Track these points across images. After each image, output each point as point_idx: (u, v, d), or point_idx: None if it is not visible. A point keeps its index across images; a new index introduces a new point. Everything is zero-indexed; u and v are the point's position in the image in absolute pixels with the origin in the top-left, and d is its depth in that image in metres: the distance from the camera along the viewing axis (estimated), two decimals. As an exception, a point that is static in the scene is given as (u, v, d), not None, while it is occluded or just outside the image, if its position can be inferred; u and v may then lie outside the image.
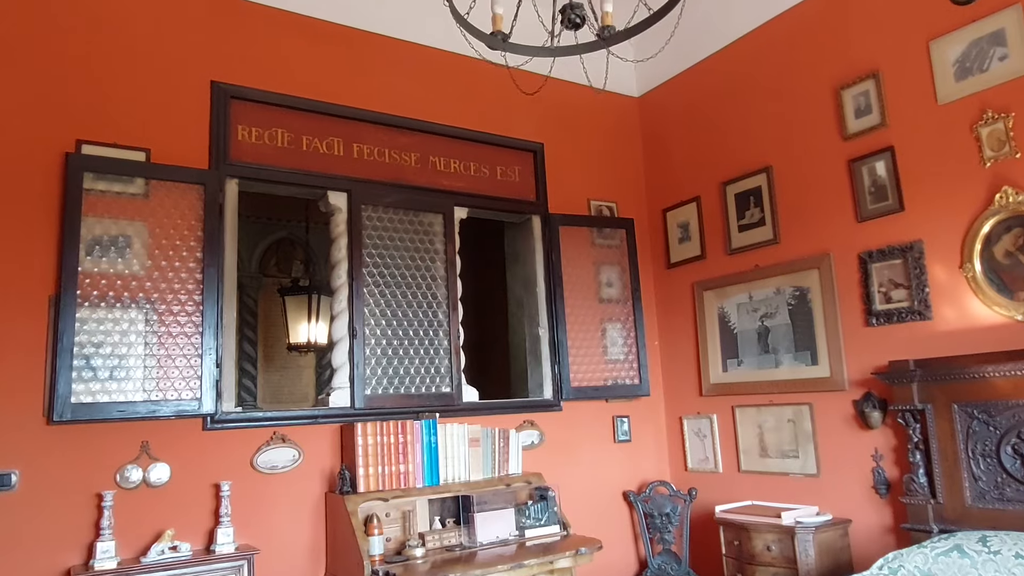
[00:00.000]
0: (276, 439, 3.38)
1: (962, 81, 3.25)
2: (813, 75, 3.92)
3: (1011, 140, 3.06)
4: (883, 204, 3.55)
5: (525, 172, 4.50)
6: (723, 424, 4.36)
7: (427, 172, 4.10)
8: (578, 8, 2.18)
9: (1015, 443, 2.92)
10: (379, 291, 3.76)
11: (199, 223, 3.30)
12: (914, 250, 3.39)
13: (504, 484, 3.66)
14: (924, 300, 3.34)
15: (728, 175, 4.40)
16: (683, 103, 4.79)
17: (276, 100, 3.66)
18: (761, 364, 4.15)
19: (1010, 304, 3.03)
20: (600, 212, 4.76)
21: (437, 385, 3.83)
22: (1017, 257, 3.02)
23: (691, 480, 4.50)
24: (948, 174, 3.28)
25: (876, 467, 3.49)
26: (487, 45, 2.44)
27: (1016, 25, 3.06)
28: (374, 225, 3.81)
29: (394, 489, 3.38)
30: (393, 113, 4.00)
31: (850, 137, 3.71)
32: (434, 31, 4.16)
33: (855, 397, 3.60)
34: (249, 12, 3.68)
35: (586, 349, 4.40)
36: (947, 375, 3.12)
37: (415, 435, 3.51)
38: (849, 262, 3.70)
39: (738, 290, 4.30)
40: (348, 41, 3.96)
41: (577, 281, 4.46)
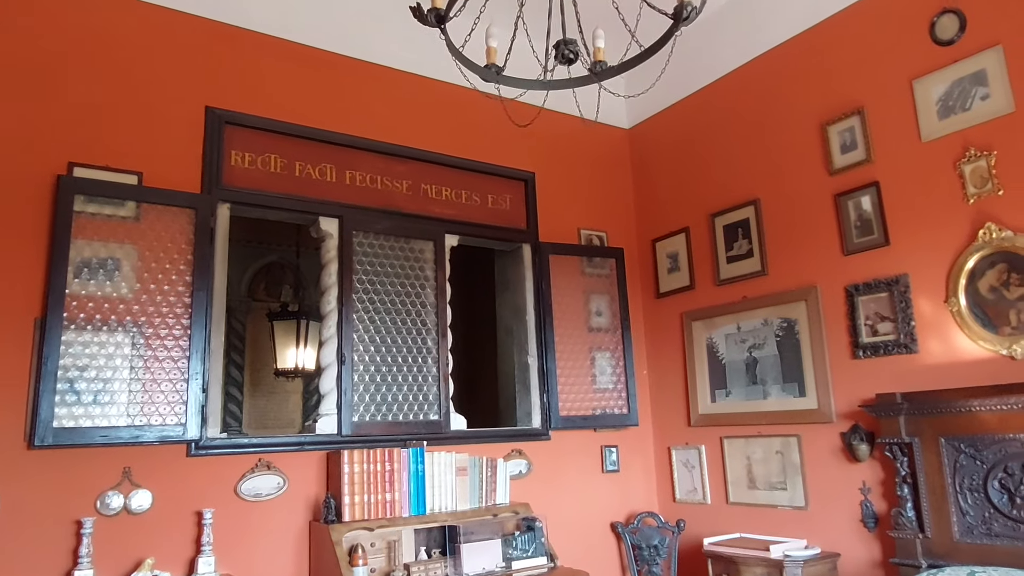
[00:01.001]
0: (261, 466, 3.33)
1: (945, 119, 3.32)
2: (800, 111, 3.99)
3: (994, 177, 3.12)
4: (869, 238, 3.59)
5: (516, 201, 4.53)
6: (711, 455, 4.35)
7: (419, 199, 4.12)
8: (572, 44, 2.22)
9: (1002, 478, 2.93)
10: (368, 317, 3.75)
11: (189, 247, 3.30)
12: (900, 284, 3.43)
13: (491, 514, 3.62)
14: (910, 333, 3.37)
15: (717, 207, 4.45)
16: (672, 135, 4.87)
17: (270, 126, 3.68)
18: (749, 395, 4.15)
19: (995, 339, 3.06)
20: (590, 241, 4.79)
21: (425, 413, 3.81)
22: (1001, 292, 3.07)
23: (679, 511, 4.47)
24: (932, 210, 3.34)
25: (864, 500, 3.49)
26: (481, 78, 2.47)
27: (997, 66, 3.15)
28: (365, 251, 3.82)
29: (380, 519, 3.34)
30: (386, 140, 4.04)
31: (836, 172, 3.77)
32: (427, 60, 4.21)
33: (843, 429, 3.61)
34: (245, 39, 3.72)
35: (575, 378, 4.40)
36: (934, 409, 3.14)
37: (402, 463, 3.47)
38: (836, 294, 3.73)
39: (726, 321, 4.32)
40: (342, 69, 4.00)
41: (567, 310, 4.47)
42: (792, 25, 4.05)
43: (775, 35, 4.15)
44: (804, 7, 3.98)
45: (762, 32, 4.22)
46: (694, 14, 2.18)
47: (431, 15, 2.25)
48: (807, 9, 3.96)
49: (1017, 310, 3.01)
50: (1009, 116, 3.10)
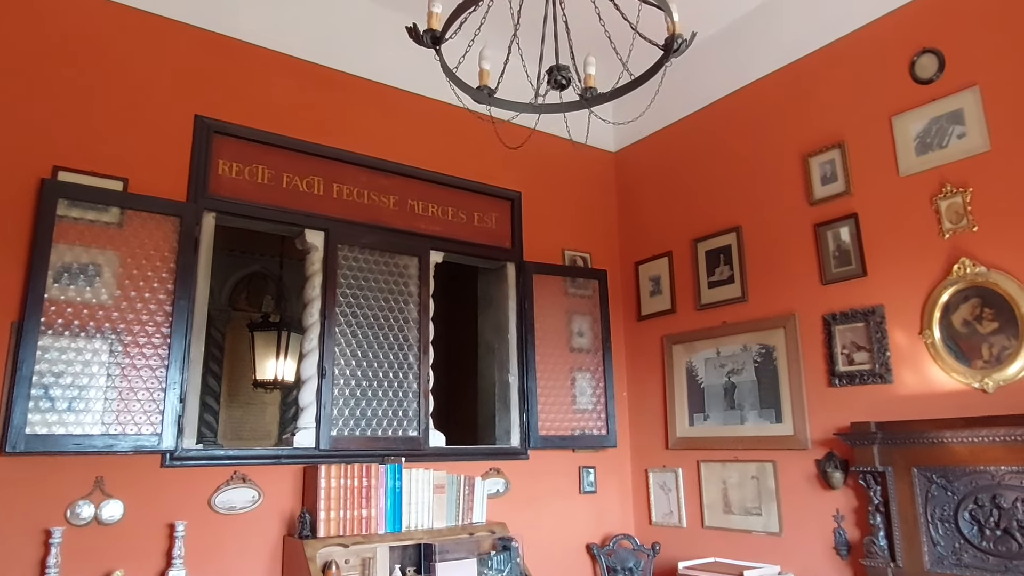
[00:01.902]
0: (236, 479, 3.30)
1: (923, 156, 3.41)
2: (783, 141, 4.08)
3: (969, 214, 3.20)
4: (847, 268, 3.66)
5: (502, 219, 4.56)
6: (688, 478, 4.37)
7: (405, 215, 4.13)
8: (564, 70, 2.26)
9: (972, 509, 2.98)
10: (351, 331, 3.74)
11: (173, 255, 3.27)
12: (876, 314, 3.49)
13: (467, 533, 3.61)
14: (885, 363, 3.43)
15: (699, 232, 4.51)
16: (658, 160, 4.94)
17: (259, 137, 3.68)
18: (727, 420, 4.19)
19: (967, 372, 3.13)
20: (574, 262, 4.83)
21: (404, 429, 3.79)
22: (974, 326, 3.14)
23: (655, 534, 4.48)
24: (909, 243, 3.42)
25: (837, 528, 3.53)
26: (473, 99, 2.50)
27: (974, 106, 3.24)
28: (349, 265, 3.82)
29: (355, 535, 3.31)
30: (374, 155, 4.05)
31: (816, 202, 3.85)
32: (418, 77, 4.25)
33: (817, 456, 3.65)
34: (237, 50, 3.73)
35: (555, 398, 4.41)
36: (907, 439, 3.19)
37: (380, 479, 3.45)
38: (814, 323, 3.79)
39: (706, 345, 4.37)
40: (333, 83, 4.02)
41: (549, 329, 4.49)
42: (777, 58, 4.15)
43: (761, 67, 4.24)
44: (790, 41, 4.08)
45: (748, 63, 4.32)
46: (684, 46, 2.23)
47: (427, 36, 2.28)
48: (792, 43, 4.06)
49: (989, 344, 3.08)
50: (985, 154, 3.19)
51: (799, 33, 4.03)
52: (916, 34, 3.48)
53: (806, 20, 3.99)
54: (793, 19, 4.07)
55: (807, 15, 3.99)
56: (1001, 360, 3.03)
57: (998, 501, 2.91)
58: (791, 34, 4.08)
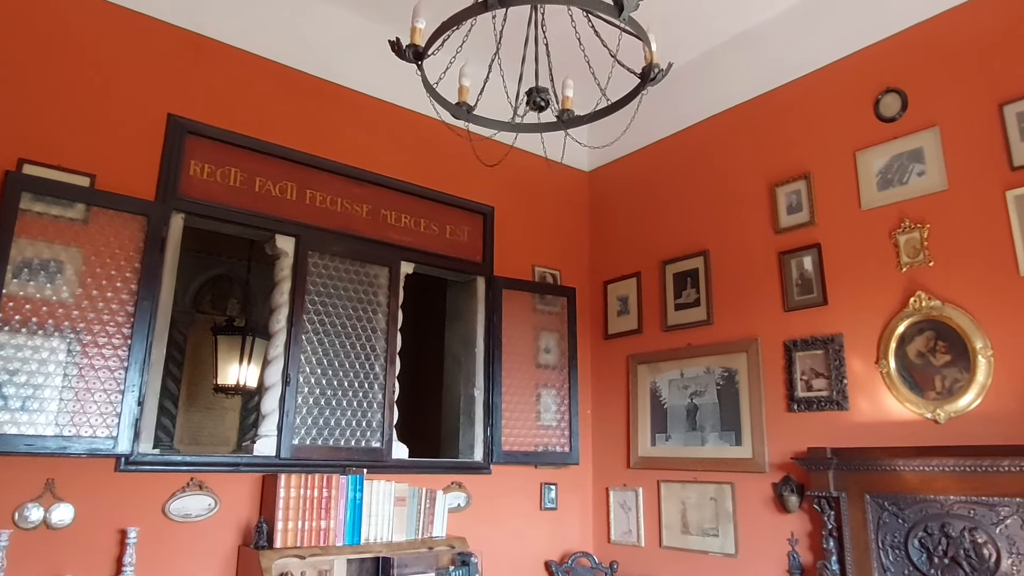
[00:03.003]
0: (193, 485, 3.23)
1: (884, 191, 3.53)
2: (751, 170, 4.18)
3: (926, 249, 3.32)
4: (808, 296, 3.76)
5: (474, 233, 4.58)
6: (648, 498, 4.41)
7: (377, 224, 4.12)
8: (543, 92, 2.30)
9: (922, 537, 3.07)
10: (318, 339, 3.71)
11: (138, 254, 3.22)
12: (835, 343, 3.59)
13: (427, 547, 3.59)
14: (842, 391, 3.52)
15: (668, 255, 4.59)
16: (631, 181, 5.01)
17: (232, 139, 3.65)
18: (688, 441, 4.25)
19: (920, 402, 3.23)
20: (544, 279, 4.87)
21: (368, 439, 3.76)
22: (928, 358, 3.24)
23: (613, 552, 4.50)
24: (868, 274, 3.52)
25: (791, 551, 3.59)
26: (452, 114, 2.53)
27: (934, 146, 3.37)
28: (319, 272, 3.79)
29: (313, 546, 3.26)
30: (348, 163, 4.04)
31: (781, 231, 3.95)
32: (396, 88, 4.26)
33: (775, 480, 3.72)
34: (214, 50, 3.70)
35: (520, 413, 4.42)
36: (861, 465, 3.27)
37: (340, 490, 3.41)
38: (775, 348, 3.88)
39: (671, 366, 4.43)
40: (310, 89, 4.01)
41: (516, 345, 4.51)
42: (749, 88, 4.26)
43: (733, 96, 4.35)
44: (761, 73, 4.19)
45: (721, 92, 4.42)
46: (661, 76, 2.29)
47: (409, 51, 2.30)
48: (764, 75, 4.18)
49: (942, 376, 3.18)
50: (942, 193, 3.31)
51: (770, 66, 4.15)
52: (881, 73, 3.62)
53: (777, 54, 4.11)
54: (765, 52, 4.19)
55: (778, 49, 4.11)
56: (953, 392, 3.13)
57: (947, 530, 2.99)
58: (762, 66, 4.19)
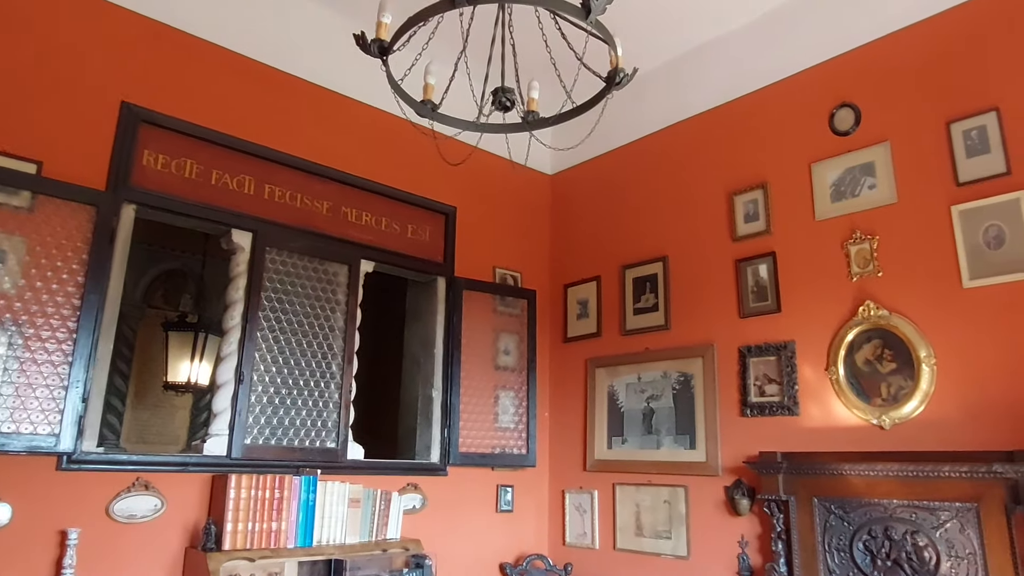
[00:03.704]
0: (138, 485, 3.13)
1: (837, 202, 3.63)
2: (711, 178, 4.25)
3: (875, 260, 3.42)
4: (763, 304, 3.84)
5: (435, 233, 4.56)
6: (603, 500, 4.44)
7: (337, 222, 4.07)
8: (509, 92, 2.30)
9: (866, 540, 3.15)
10: (273, 337, 3.63)
11: (86, 246, 3.11)
12: (787, 349, 3.67)
13: (381, 549, 3.55)
14: (793, 396, 3.60)
15: (628, 259, 4.64)
16: (593, 186, 5.05)
17: (189, 130, 3.56)
18: (643, 444, 4.29)
19: (867, 408, 3.33)
20: (504, 280, 4.87)
21: (322, 440, 3.70)
22: (875, 366, 3.34)
23: (568, 555, 4.52)
24: (820, 283, 3.61)
25: (741, 553, 3.65)
26: (416, 112, 2.50)
27: (884, 160, 3.48)
28: (276, 269, 3.72)
29: (263, 548, 3.19)
30: (309, 159, 3.98)
31: (739, 239, 4.02)
32: (361, 85, 4.22)
33: (727, 483, 3.79)
34: (172, 38, 3.60)
35: (477, 415, 4.40)
36: (810, 470, 3.35)
37: (293, 491, 3.35)
38: (730, 354, 3.95)
39: (628, 370, 4.47)
40: (272, 82, 3.93)
41: (475, 346, 4.50)
42: (711, 98, 4.33)
43: (695, 104, 4.42)
44: (722, 84, 4.27)
45: (683, 100, 4.49)
46: (626, 80, 2.31)
47: (374, 46, 2.27)
48: (725, 86, 4.25)
49: (888, 383, 3.28)
50: (892, 206, 3.42)
51: (731, 77, 4.23)
52: (836, 88, 3.72)
53: (738, 65, 4.20)
54: (726, 63, 4.27)
55: (739, 61, 4.19)
56: (898, 399, 3.23)
57: (890, 533, 3.09)
58: (724, 77, 4.27)
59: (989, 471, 2.80)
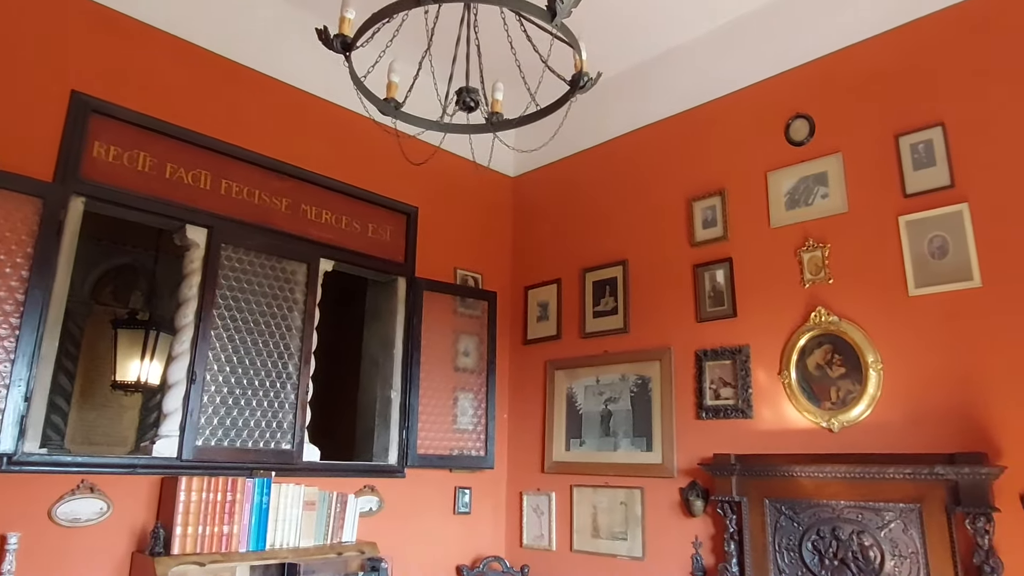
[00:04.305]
0: (83, 488, 3.03)
1: (791, 210, 3.72)
2: (671, 184, 4.31)
3: (827, 267, 3.52)
4: (720, 308, 3.91)
5: (396, 233, 4.52)
6: (561, 502, 4.46)
7: (297, 219, 4.00)
8: (473, 93, 2.30)
9: (814, 540, 3.24)
10: (228, 336, 3.56)
11: (31, 239, 3.00)
12: (742, 353, 3.74)
13: (336, 552, 3.50)
14: (747, 400, 3.68)
15: (589, 263, 4.67)
16: (555, 189, 5.08)
17: (143, 121, 3.46)
18: (601, 446, 4.33)
19: (818, 412, 3.42)
20: (465, 282, 4.85)
21: (277, 441, 3.64)
22: (825, 370, 3.44)
23: (525, 556, 4.52)
24: (774, 289, 3.70)
25: (695, 554, 3.71)
26: (379, 110, 2.48)
27: (836, 170, 3.58)
28: (232, 266, 3.64)
29: (214, 552, 3.12)
30: (268, 155, 3.91)
31: (697, 244, 4.09)
32: (322, 80, 4.16)
33: (682, 485, 3.84)
34: (128, 28, 3.50)
35: (436, 416, 4.38)
36: (762, 471, 3.43)
37: (246, 494, 3.28)
38: (687, 357, 4.01)
39: (587, 372, 4.50)
40: (231, 75, 3.85)
41: (435, 347, 4.47)
42: (672, 105, 4.40)
43: (656, 111, 4.48)
44: (683, 92, 4.34)
45: (645, 106, 4.55)
46: (590, 84, 2.33)
47: (337, 41, 2.24)
48: (686, 93, 4.32)
49: (837, 388, 3.38)
50: (843, 215, 3.52)
51: (692, 85, 4.30)
52: (792, 99, 3.81)
53: (699, 74, 4.27)
54: (687, 71, 4.34)
55: (700, 69, 4.27)
56: (846, 403, 3.33)
57: (837, 533, 3.17)
58: (685, 85, 4.34)
59: (931, 473, 2.91)
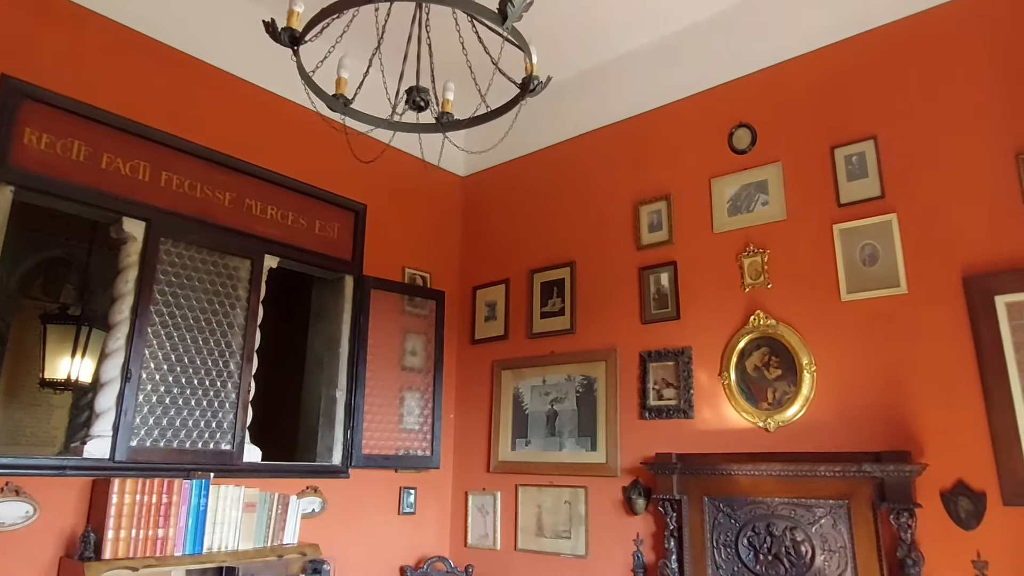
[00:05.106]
0: (8, 490, 2.89)
1: (733, 216, 3.83)
2: (619, 187, 4.38)
3: (766, 272, 3.64)
4: (664, 311, 4.00)
5: (344, 230, 4.47)
6: (506, 502, 4.49)
7: (241, 214, 3.91)
8: (424, 92, 2.29)
9: (750, 536, 3.34)
10: (166, 332, 3.45)
11: (-47, 229, 2.85)
12: (684, 355, 3.84)
13: (276, 555, 3.43)
14: (689, 400, 3.77)
15: (537, 264, 4.71)
16: (504, 190, 5.10)
17: (79, 109, 3.32)
18: (547, 446, 4.37)
19: (755, 412, 3.53)
20: (414, 281, 4.83)
21: (217, 441, 3.55)
22: (763, 372, 3.55)
23: (469, 556, 4.53)
24: (717, 293, 3.80)
25: (636, 551, 3.78)
26: (328, 106, 2.46)
27: (776, 179, 3.71)
28: (172, 261, 3.54)
29: (148, 557, 3.02)
30: (212, 147, 3.81)
31: (643, 248, 4.17)
32: (268, 72, 4.08)
33: (625, 484, 3.91)
34: (65, 11, 3.36)
35: (382, 416, 4.35)
36: (702, 470, 3.52)
37: (182, 496, 3.19)
38: (632, 358, 4.08)
39: (534, 373, 4.54)
40: (174, 64, 3.74)
41: (382, 346, 4.44)
42: (620, 110, 4.47)
43: (605, 116, 4.55)
44: (632, 97, 4.41)
45: (595, 111, 4.61)
46: (540, 87, 2.36)
47: (285, 35, 2.21)
48: (634, 99, 4.40)
49: (774, 389, 3.50)
50: (782, 222, 3.65)
51: (640, 91, 4.38)
52: (736, 109, 3.93)
53: (647, 81, 4.35)
54: (636, 78, 4.42)
55: (648, 76, 4.35)
56: (782, 403, 3.45)
57: (771, 529, 3.28)
58: (633, 91, 4.42)
59: (859, 471, 3.04)
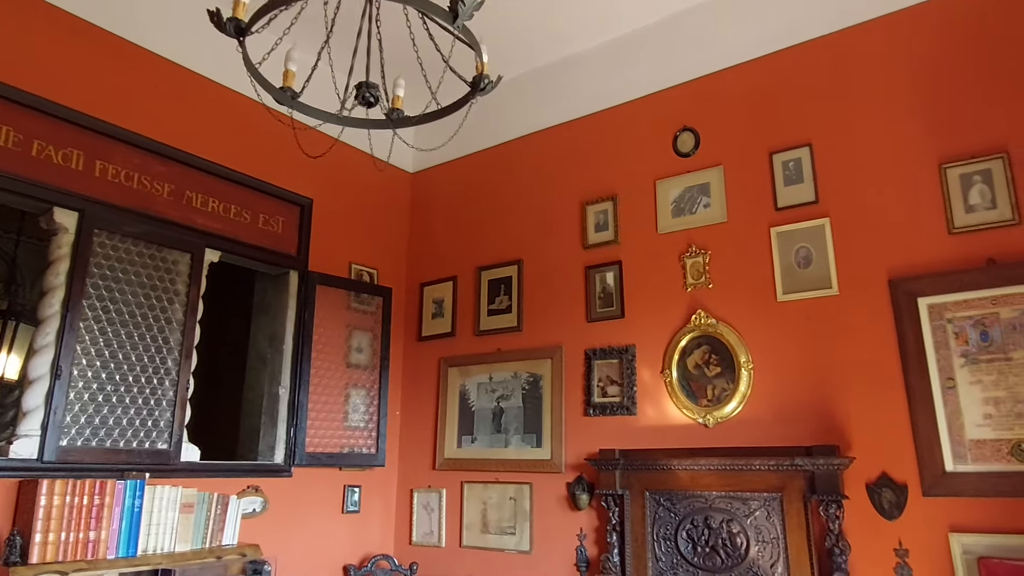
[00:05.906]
0: (-76, 493, 2.75)
1: (677, 218, 3.93)
2: (567, 186, 4.44)
3: (707, 272, 3.75)
4: (608, 309, 4.07)
5: (289, 224, 4.39)
6: (451, 499, 4.49)
7: (180, 207, 3.80)
8: (373, 88, 2.28)
9: (689, 529, 3.44)
10: (99, 328, 3.33)
11: None
12: (628, 353, 3.92)
13: (215, 556, 3.35)
14: (632, 397, 3.85)
15: (484, 261, 4.73)
16: (453, 187, 5.10)
17: (7, 93, 3.17)
18: (493, 443, 4.39)
19: (696, 408, 3.63)
20: (360, 277, 4.78)
21: (153, 441, 3.44)
22: (703, 369, 3.66)
23: (414, 554, 4.52)
24: (660, 292, 3.89)
25: (579, 546, 3.85)
26: (274, 98, 2.41)
27: (718, 182, 3.82)
28: (106, 254, 3.41)
29: (79, 560, 2.91)
30: (151, 136, 3.69)
31: (589, 247, 4.24)
32: (211, 61, 3.97)
33: (569, 480, 3.97)
34: (-11, -10, 3.20)
35: (327, 413, 4.29)
36: (643, 465, 3.60)
37: (116, 497, 3.08)
38: (577, 356, 4.14)
39: (480, 370, 4.56)
40: (111, 49, 3.60)
41: (327, 343, 4.38)
42: (568, 111, 4.53)
43: (554, 116, 4.60)
44: (580, 98, 4.47)
45: (543, 111, 4.65)
46: (490, 87, 2.37)
47: (230, 25, 2.16)
48: (582, 100, 4.46)
49: (713, 386, 3.61)
50: (722, 224, 3.76)
51: (588, 93, 4.44)
52: (680, 113, 4.03)
53: (595, 82, 4.42)
54: (584, 79, 4.48)
55: (596, 78, 4.42)
56: (721, 400, 3.56)
57: (709, 522, 3.39)
58: (581, 92, 4.48)
59: (791, 464, 3.17)
